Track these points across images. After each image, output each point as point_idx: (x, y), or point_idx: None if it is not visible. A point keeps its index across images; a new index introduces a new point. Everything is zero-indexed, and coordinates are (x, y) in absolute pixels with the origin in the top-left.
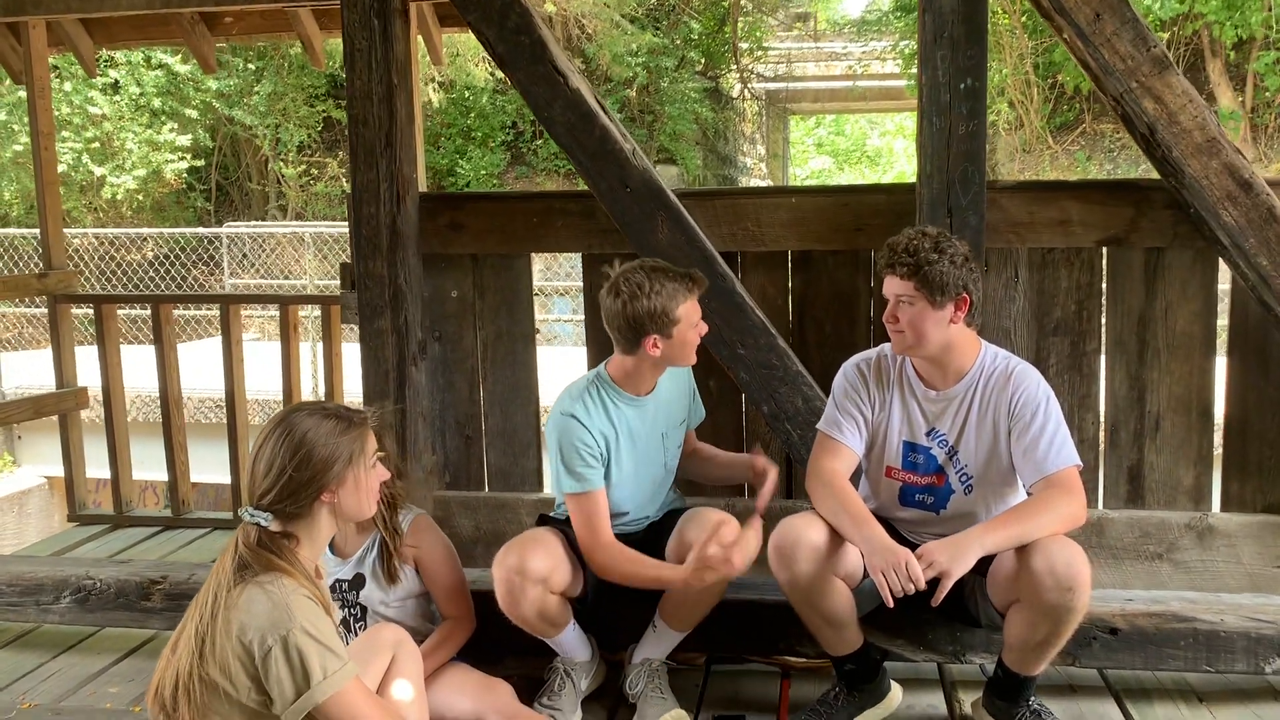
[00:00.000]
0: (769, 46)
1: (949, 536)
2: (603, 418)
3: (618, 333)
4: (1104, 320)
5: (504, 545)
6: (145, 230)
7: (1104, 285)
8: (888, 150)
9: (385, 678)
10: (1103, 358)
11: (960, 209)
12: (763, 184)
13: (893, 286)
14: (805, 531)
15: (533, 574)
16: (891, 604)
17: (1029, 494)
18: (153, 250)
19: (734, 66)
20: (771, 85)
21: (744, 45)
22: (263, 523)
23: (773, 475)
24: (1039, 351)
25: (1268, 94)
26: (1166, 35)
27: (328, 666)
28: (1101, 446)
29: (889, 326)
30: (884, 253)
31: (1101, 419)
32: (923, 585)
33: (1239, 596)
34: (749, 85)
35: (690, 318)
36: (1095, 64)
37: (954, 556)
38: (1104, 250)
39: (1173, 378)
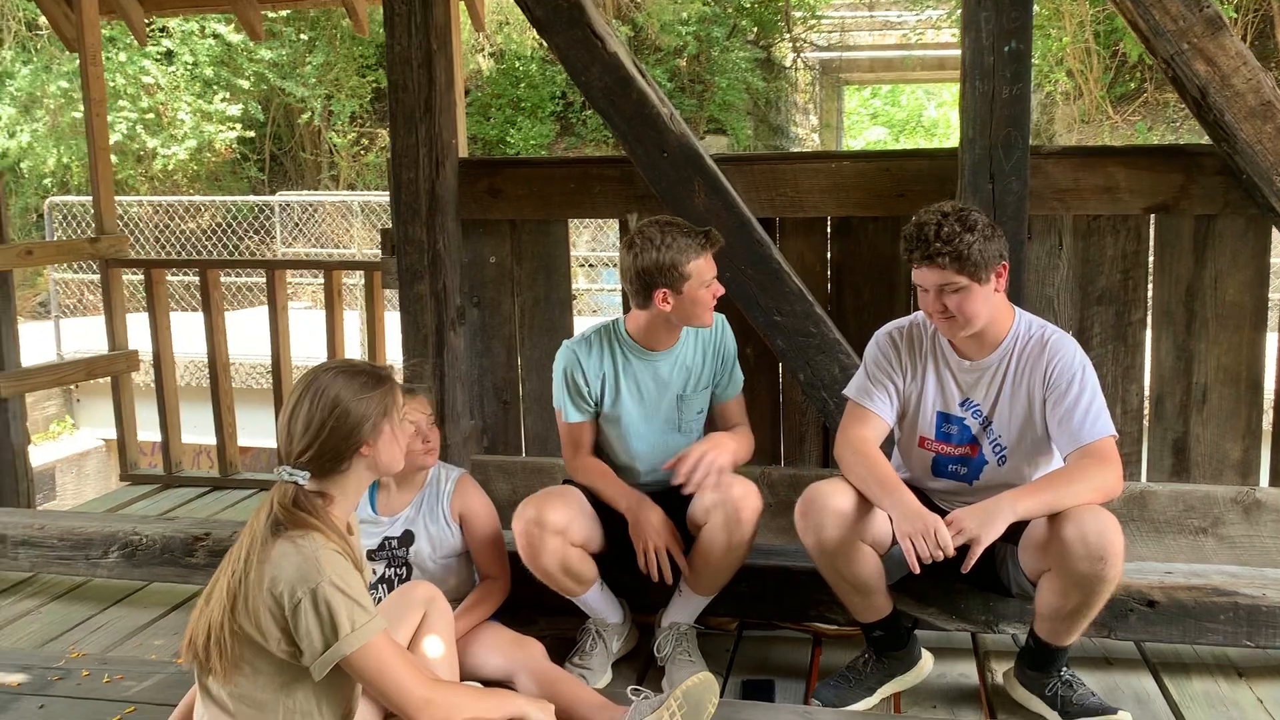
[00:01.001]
0: (822, 15)
1: (979, 503)
2: (604, 360)
3: (630, 285)
4: (1150, 289)
5: (523, 500)
6: (199, 198)
7: (1151, 253)
8: (944, 121)
9: (416, 634)
10: (1149, 328)
11: (1003, 174)
12: None
13: (934, 277)
14: (831, 497)
15: (550, 525)
16: (919, 570)
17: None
18: (208, 219)
19: (787, 35)
20: (825, 54)
21: (797, 14)
22: (300, 481)
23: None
24: (1082, 321)
25: None
26: (1233, 0)
27: (355, 619)
28: (1146, 418)
29: (936, 316)
30: (911, 244)
31: (1146, 390)
32: (951, 552)
33: None
34: (802, 54)
35: (702, 275)
36: (1145, 25)
37: (984, 523)
38: (1151, 218)
39: (1221, 349)
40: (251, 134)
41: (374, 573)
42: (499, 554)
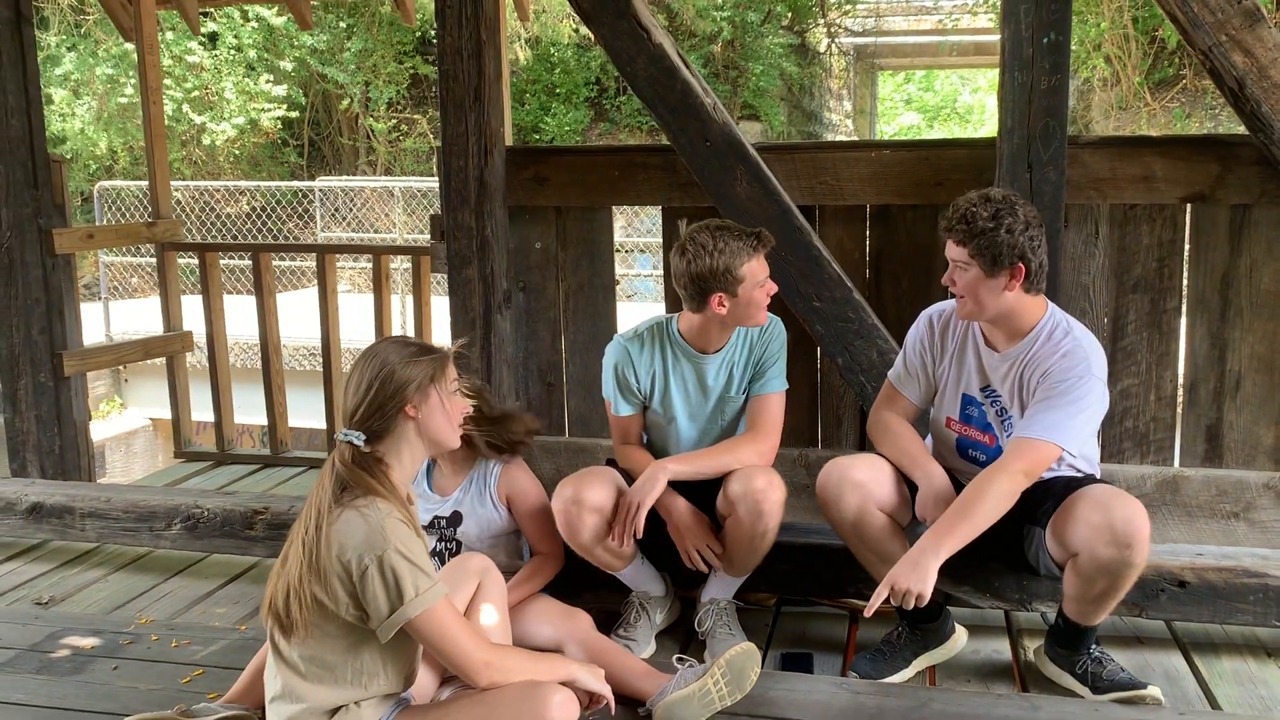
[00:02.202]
0: (857, 0)
1: (907, 556)
2: (655, 359)
3: (684, 290)
4: (1185, 278)
5: (561, 481)
6: (243, 184)
7: (1187, 242)
8: (979, 107)
9: (471, 603)
10: (1183, 315)
11: (1040, 164)
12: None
13: (950, 251)
14: (848, 470)
15: (588, 503)
16: None
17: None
18: (248, 203)
19: (821, 21)
20: (859, 40)
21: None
22: (355, 441)
23: None
24: (1118, 309)
25: None
26: None
27: (419, 585)
28: (1180, 405)
29: (951, 289)
30: (945, 214)
31: (1180, 377)
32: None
33: None
34: (836, 40)
35: (756, 276)
36: (1184, 17)
37: (920, 579)
38: (1187, 207)
39: (1255, 336)
40: (295, 114)
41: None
42: (550, 530)
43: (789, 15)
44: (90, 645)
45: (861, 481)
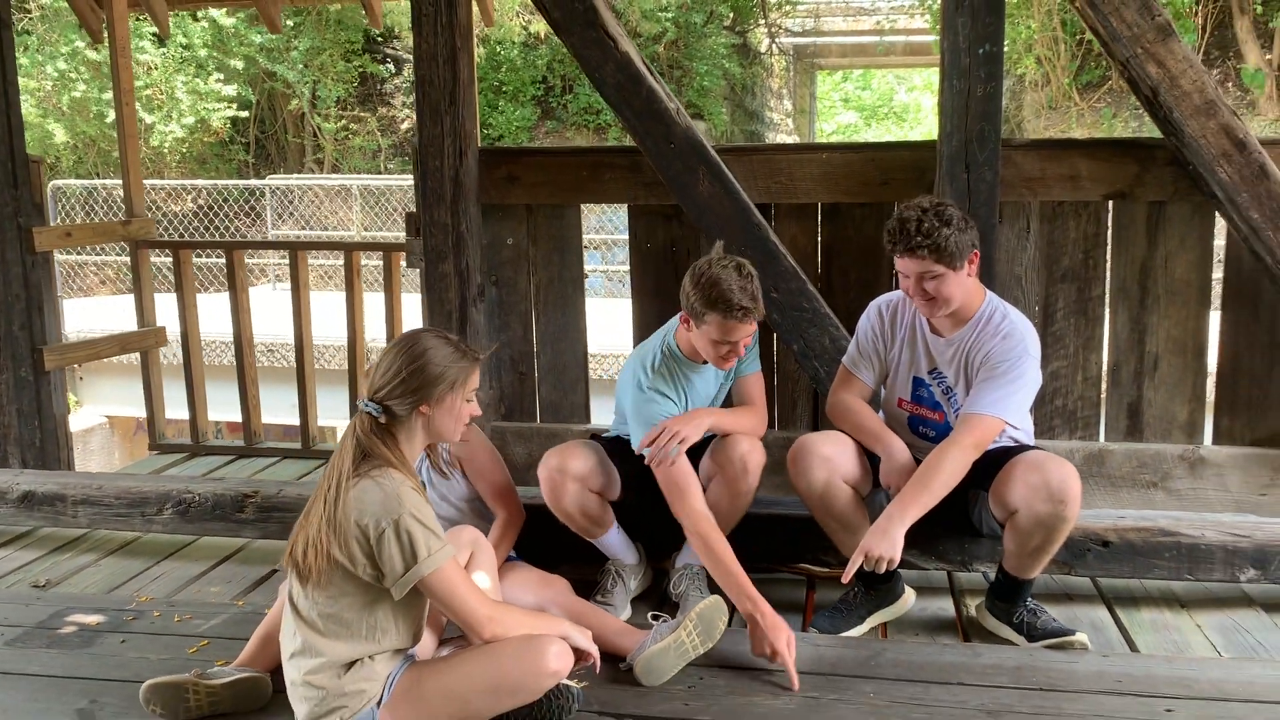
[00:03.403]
0: (797, 1)
1: (875, 526)
2: (676, 388)
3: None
4: (1109, 268)
5: (546, 452)
6: (200, 182)
7: (1109, 236)
8: (915, 106)
9: (466, 570)
10: (1107, 303)
11: (977, 165)
12: (789, 139)
13: (913, 266)
14: (816, 445)
15: (571, 472)
16: None
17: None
18: (194, 201)
19: (762, 21)
20: (799, 40)
21: (772, 0)
22: (374, 413)
23: None
24: (1048, 297)
25: None
26: None
27: (431, 546)
28: (1104, 385)
29: (917, 299)
30: (895, 237)
31: (1104, 359)
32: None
33: (1219, 515)
34: (776, 40)
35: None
36: (1104, 30)
37: (890, 544)
38: (1110, 204)
39: (1171, 322)
40: (245, 114)
41: None
42: (507, 491)
43: (731, 16)
44: (95, 622)
45: (829, 456)
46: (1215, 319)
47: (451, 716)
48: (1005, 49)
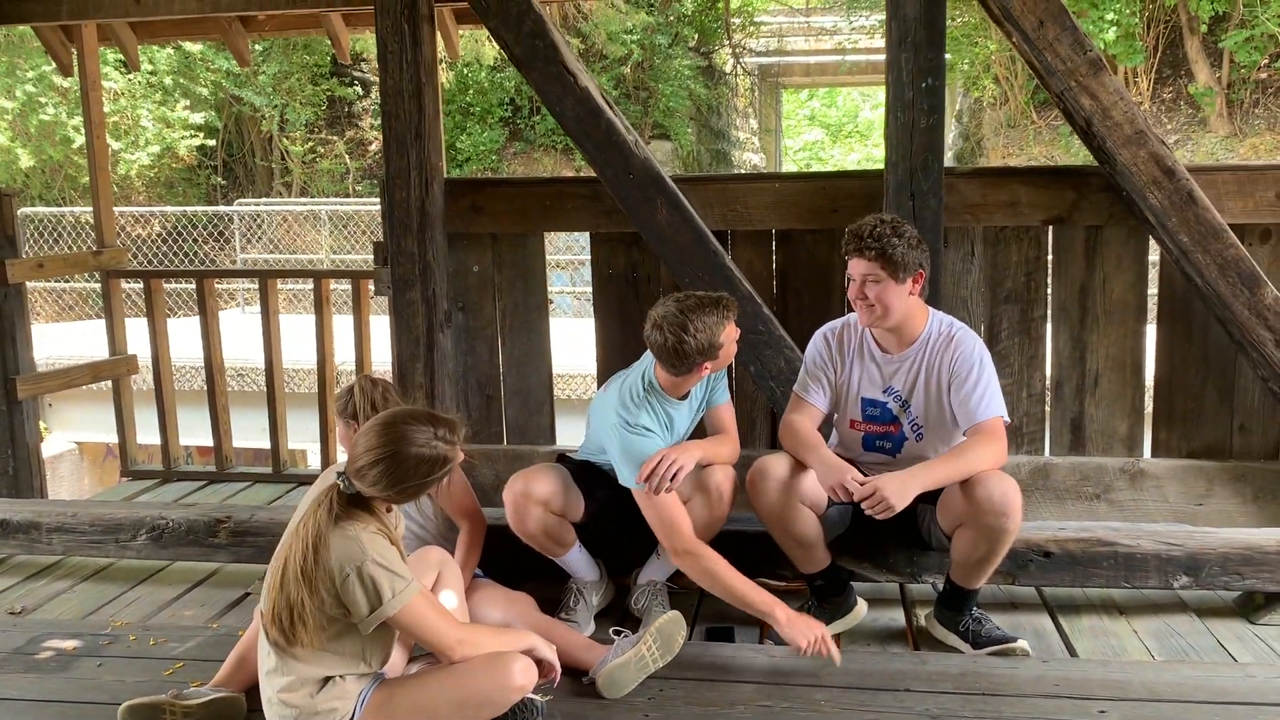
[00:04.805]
0: (761, 22)
1: (898, 471)
2: (660, 424)
3: (668, 362)
4: (1050, 290)
5: (512, 475)
6: (169, 209)
7: (1049, 259)
8: (880, 123)
9: (433, 590)
10: (1049, 323)
11: (922, 193)
12: (756, 157)
13: (860, 268)
14: (772, 466)
15: (535, 496)
16: (848, 524)
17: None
18: (159, 225)
19: (726, 42)
20: (763, 60)
21: (736, 21)
22: (346, 489)
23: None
24: (992, 318)
25: (1242, 70)
26: (1146, 12)
27: (395, 587)
28: (1048, 401)
29: (858, 303)
30: (849, 239)
31: (1048, 377)
32: (856, 496)
33: (1154, 525)
34: (741, 61)
35: (732, 336)
36: (1040, 65)
37: (898, 491)
38: (1049, 228)
39: (1110, 340)
40: (213, 142)
41: None
42: (469, 504)
43: (696, 37)
44: (72, 647)
45: (784, 476)
46: (1151, 336)
47: None
48: (965, 68)
